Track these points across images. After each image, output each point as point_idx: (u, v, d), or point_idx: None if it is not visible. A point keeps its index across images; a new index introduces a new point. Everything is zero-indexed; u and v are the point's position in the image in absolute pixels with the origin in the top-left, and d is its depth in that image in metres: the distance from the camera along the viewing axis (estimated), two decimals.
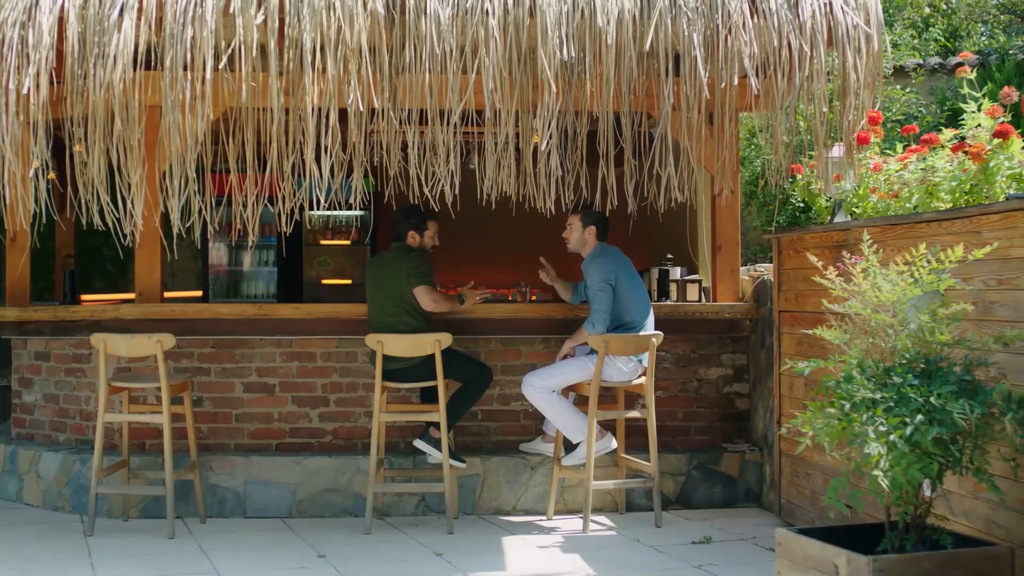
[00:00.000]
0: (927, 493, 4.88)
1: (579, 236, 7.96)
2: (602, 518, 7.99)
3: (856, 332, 5.11)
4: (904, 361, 4.89)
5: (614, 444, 7.90)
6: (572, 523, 7.81)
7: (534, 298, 9.75)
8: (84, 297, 10.39)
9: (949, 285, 4.96)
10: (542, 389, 7.77)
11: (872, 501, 5.22)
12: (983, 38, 15.65)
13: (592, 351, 7.68)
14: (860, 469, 4.85)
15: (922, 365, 4.87)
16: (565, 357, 7.92)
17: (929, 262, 4.97)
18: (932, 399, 4.64)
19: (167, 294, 8.73)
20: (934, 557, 4.75)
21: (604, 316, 7.67)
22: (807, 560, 4.97)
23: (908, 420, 4.61)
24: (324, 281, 12.67)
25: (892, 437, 4.59)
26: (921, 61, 13.40)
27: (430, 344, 7.50)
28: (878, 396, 4.72)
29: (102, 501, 7.85)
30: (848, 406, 4.77)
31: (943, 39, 16.42)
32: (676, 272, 9.03)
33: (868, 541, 4.92)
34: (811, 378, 6.79)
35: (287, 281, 12.61)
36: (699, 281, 8.92)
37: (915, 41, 15.90)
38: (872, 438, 4.61)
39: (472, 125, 6.86)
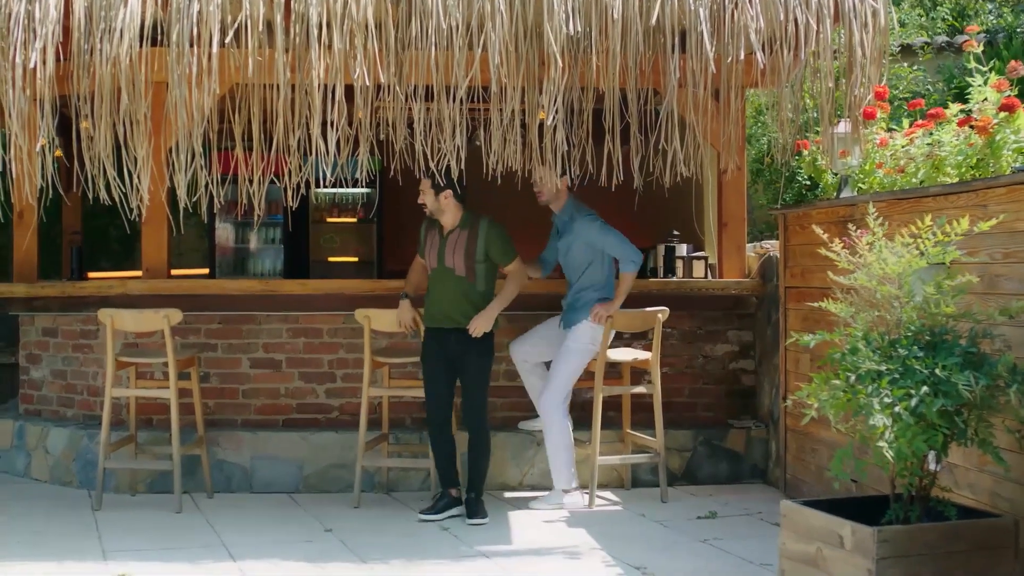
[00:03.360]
0: (932, 467, 4.89)
1: (551, 186, 7.65)
2: (608, 494, 8.01)
3: (862, 305, 5.12)
4: (909, 333, 4.90)
5: (582, 503, 7.75)
6: (575, 499, 7.81)
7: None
8: (91, 275, 10.41)
9: (955, 257, 4.96)
10: (562, 407, 7.69)
11: (877, 474, 5.24)
12: (991, 17, 15.58)
13: (571, 325, 7.70)
14: (865, 441, 4.87)
15: (927, 337, 4.88)
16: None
17: (935, 234, 4.97)
18: (937, 371, 4.64)
19: (174, 272, 8.75)
20: (938, 528, 4.77)
21: (632, 246, 7.64)
22: (811, 531, 4.98)
23: (913, 392, 4.62)
24: (331, 259, 12.69)
25: (897, 408, 4.60)
26: (928, 40, 13.36)
27: None
28: (883, 368, 4.72)
29: (110, 476, 7.87)
30: (853, 378, 4.78)
31: (951, 18, 16.35)
32: (682, 249, 9.03)
33: (873, 513, 4.93)
34: (816, 352, 6.79)
35: (294, 259, 12.62)
36: (705, 258, 8.91)
37: (922, 20, 15.85)
38: (877, 409, 4.62)
39: (478, 101, 6.87)
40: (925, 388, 4.62)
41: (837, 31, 7.13)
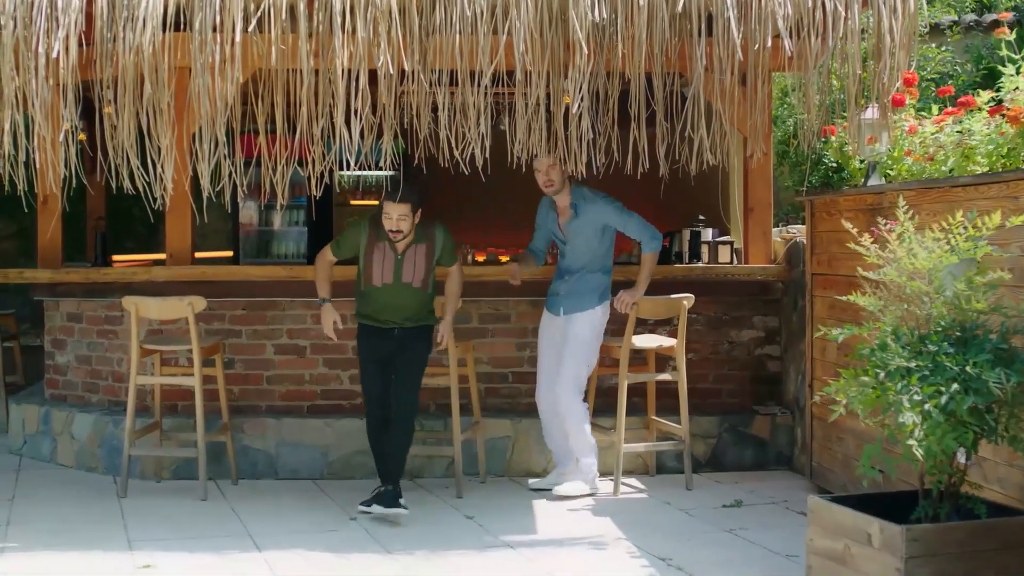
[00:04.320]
0: (962, 461, 4.84)
1: (560, 174, 7.52)
2: (633, 480, 7.99)
3: (891, 299, 5.06)
4: (939, 328, 4.84)
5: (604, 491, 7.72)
6: (603, 485, 7.76)
7: None
8: (115, 258, 10.42)
9: (986, 252, 4.89)
10: (580, 400, 7.60)
11: (906, 467, 5.18)
12: None
13: (574, 311, 7.62)
14: (894, 436, 4.82)
15: (958, 333, 4.82)
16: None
17: (966, 228, 4.90)
18: (968, 368, 4.59)
19: (198, 254, 8.73)
20: (967, 527, 4.73)
21: (652, 226, 7.67)
22: (839, 529, 4.94)
23: (943, 389, 4.56)
24: None
25: (927, 406, 4.55)
26: (956, 18, 13.20)
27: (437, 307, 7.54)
28: (913, 365, 4.67)
29: (135, 462, 7.88)
30: (883, 374, 4.73)
31: None
32: (708, 234, 8.97)
33: (901, 509, 4.88)
34: (844, 343, 6.74)
35: (317, 241, 12.54)
36: (731, 243, 8.84)
37: None
38: (907, 407, 4.57)
39: (503, 86, 6.82)
40: (955, 385, 4.56)
41: (865, 15, 7.05)
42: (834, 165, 9.49)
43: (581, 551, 6.43)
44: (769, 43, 6.73)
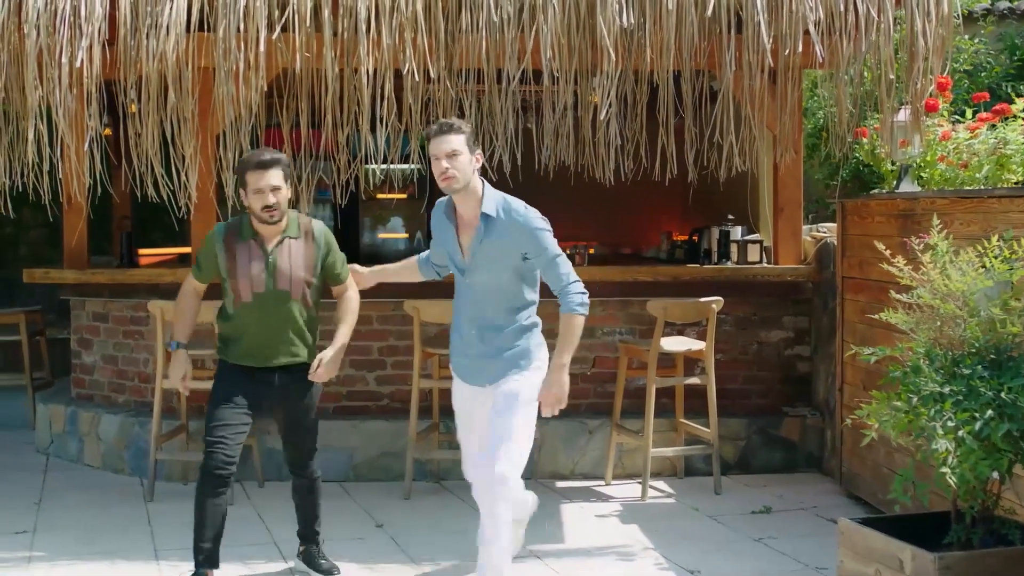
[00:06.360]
0: (995, 478, 4.76)
1: (468, 163, 5.23)
2: (661, 483, 7.93)
3: (924, 318, 4.97)
4: (974, 350, 4.75)
5: None
6: (631, 489, 7.74)
7: (592, 252, 9.56)
8: (141, 251, 10.38)
9: (1022, 275, 4.80)
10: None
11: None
12: None
13: (508, 373, 5.48)
14: (927, 461, 4.75)
15: (992, 355, 4.73)
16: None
17: (1001, 250, 4.80)
18: (1003, 394, 4.50)
19: None
20: (1001, 554, 4.65)
21: (580, 282, 5.40)
22: (871, 553, 4.88)
23: (977, 415, 4.48)
24: (381, 236, 12.59)
25: (961, 433, 4.47)
26: (989, 5, 13.02)
27: None
28: (946, 390, 4.59)
29: (161, 465, 7.87)
30: (916, 399, 4.65)
31: None
32: (736, 232, 8.87)
33: (933, 532, 4.81)
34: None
35: (343, 235, 12.54)
36: (760, 241, 8.74)
37: None
38: (940, 434, 4.49)
39: (529, 84, 6.77)
40: (990, 412, 4.48)
41: (898, 14, 6.95)
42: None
43: (609, 562, 6.38)
44: (800, 47, 6.64)
